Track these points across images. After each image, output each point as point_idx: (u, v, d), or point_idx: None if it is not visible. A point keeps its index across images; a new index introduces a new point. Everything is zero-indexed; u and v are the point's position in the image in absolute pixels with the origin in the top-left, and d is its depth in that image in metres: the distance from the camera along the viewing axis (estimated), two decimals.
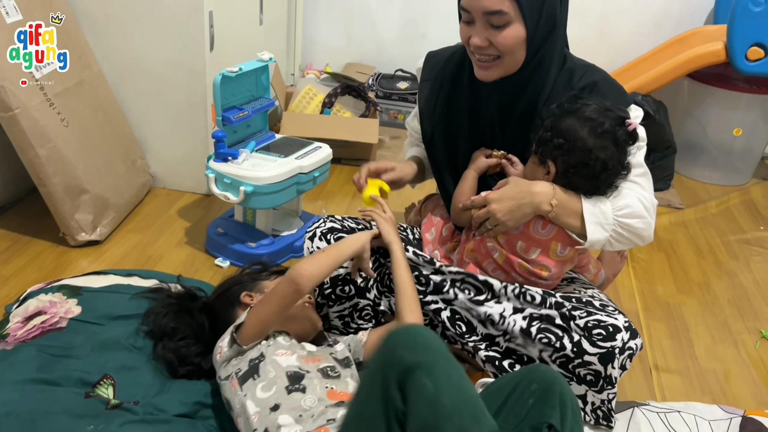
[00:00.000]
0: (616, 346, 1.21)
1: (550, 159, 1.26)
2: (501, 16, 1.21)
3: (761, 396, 1.49)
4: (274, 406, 1.03)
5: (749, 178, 2.74)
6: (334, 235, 1.42)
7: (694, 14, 2.81)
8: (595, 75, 1.34)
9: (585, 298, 1.33)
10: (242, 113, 1.74)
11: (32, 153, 1.69)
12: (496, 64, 1.29)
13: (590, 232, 1.25)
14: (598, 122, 1.21)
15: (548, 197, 1.25)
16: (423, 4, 2.97)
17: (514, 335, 1.33)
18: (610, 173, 1.24)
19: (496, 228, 1.29)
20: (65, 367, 1.22)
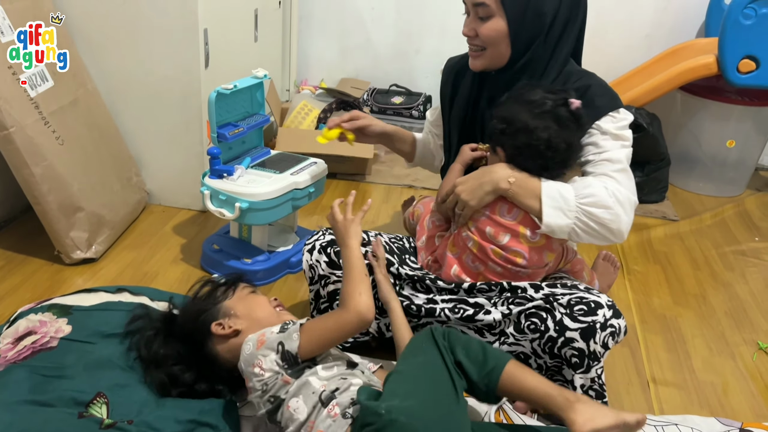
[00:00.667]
0: (597, 321, 1.23)
1: (498, 146, 1.34)
2: (484, 8, 1.34)
3: (759, 408, 1.49)
4: (343, 377, 1.13)
5: (743, 189, 2.75)
6: (333, 248, 1.44)
7: (685, 27, 2.84)
8: (589, 80, 1.39)
9: (570, 284, 1.36)
10: (237, 130, 1.75)
11: (27, 171, 1.69)
12: (482, 54, 1.40)
13: (546, 215, 1.27)
14: (538, 103, 1.28)
15: (506, 175, 1.31)
16: (417, 19, 2.99)
17: (507, 335, 1.36)
18: (556, 151, 1.28)
19: (465, 211, 1.35)
20: (57, 387, 1.20)
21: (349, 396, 1.08)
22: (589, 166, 1.36)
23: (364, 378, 1.16)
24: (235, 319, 1.26)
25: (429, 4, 2.93)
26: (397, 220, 2.26)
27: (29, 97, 1.71)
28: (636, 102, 2.50)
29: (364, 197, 2.44)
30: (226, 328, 1.24)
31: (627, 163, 1.36)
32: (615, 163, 1.33)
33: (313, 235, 1.49)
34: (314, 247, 1.46)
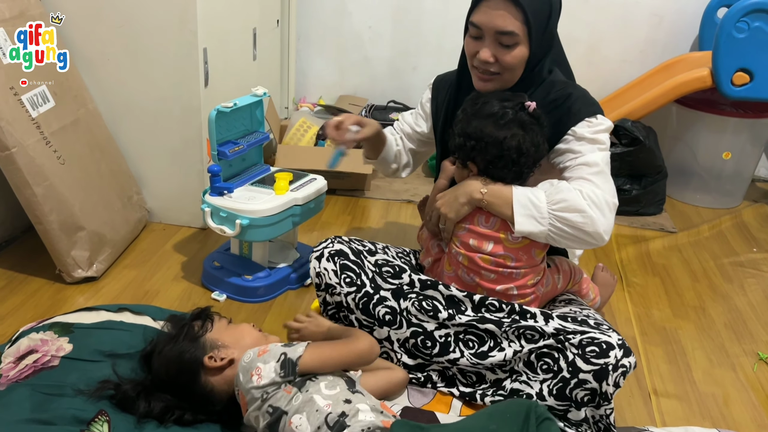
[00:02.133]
0: (609, 363, 1.24)
1: (469, 161, 1.38)
2: (511, 36, 1.32)
3: (761, 419, 1.49)
4: (346, 400, 1.12)
5: (740, 200, 2.76)
6: (340, 260, 1.46)
7: (679, 41, 2.87)
8: (570, 89, 1.42)
9: (580, 317, 1.36)
10: (237, 147, 1.76)
11: (29, 191, 1.70)
12: (496, 78, 1.40)
13: (518, 223, 1.32)
14: (500, 114, 1.32)
15: (478, 186, 1.36)
16: (413, 37, 3.02)
17: (519, 372, 1.37)
18: (527, 155, 1.34)
19: (446, 225, 1.41)
20: (59, 405, 1.20)
21: (359, 426, 1.06)
22: (567, 172, 1.39)
23: (366, 401, 1.15)
24: (225, 349, 1.24)
25: (425, 24, 2.96)
26: (396, 235, 2.27)
27: (30, 117, 1.72)
28: (632, 116, 2.52)
29: (364, 213, 2.45)
30: (218, 359, 1.22)
31: (605, 166, 1.38)
32: (592, 166, 1.36)
33: (321, 243, 1.51)
34: (322, 254, 1.48)
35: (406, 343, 1.44)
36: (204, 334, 1.27)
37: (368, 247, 1.54)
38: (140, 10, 1.91)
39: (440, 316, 1.40)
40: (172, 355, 1.23)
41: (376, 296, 1.44)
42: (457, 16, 2.91)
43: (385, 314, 1.43)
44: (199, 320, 1.30)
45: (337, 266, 1.45)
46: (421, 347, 1.42)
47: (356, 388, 1.18)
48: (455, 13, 2.92)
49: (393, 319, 1.43)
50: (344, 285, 1.45)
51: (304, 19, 3.08)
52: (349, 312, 1.46)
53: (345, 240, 1.52)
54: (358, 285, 1.45)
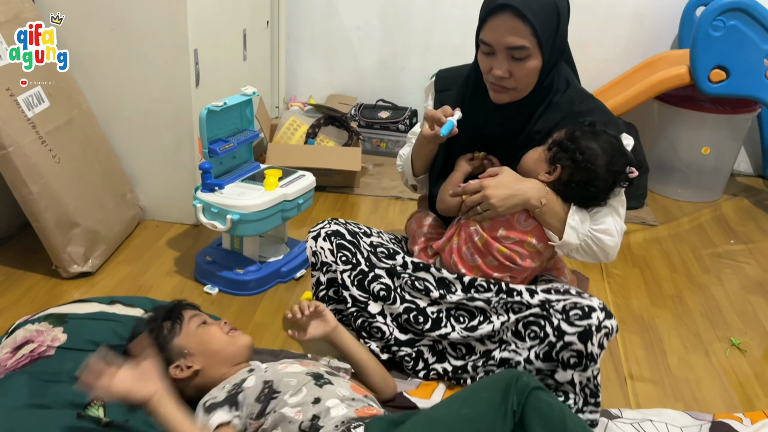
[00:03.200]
0: (592, 324, 1.32)
1: (560, 164, 1.38)
2: (523, 50, 1.31)
3: (731, 401, 1.56)
4: (315, 399, 1.11)
5: (720, 194, 2.83)
6: (336, 240, 1.51)
7: (660, 40, 2.94)
8: (592, 103, 1.46)
9: (563, 289, 1.45)
10: (228, 145, 1.82)
11: (25, 189, 1.75)
12: (511, 90, 1.40)
13: (567, 234, 1.38)
14: (615, 159, 1.36)
15: (540, 194, 1.38)
16: (402, 37, 3.08)
17: (508, 342, 1.44)
18: (597, 201, 1.41)
19: (487, 213, 1.41)
20: (56, 391, 1.25)
21: (332, 423, 1.07)
22: None
23: (336, 391, 1.14)
24: (191, 358, 1.24)
25: (413, 24, 3.02)
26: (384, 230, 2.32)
27: (26, 117, 1.77)
28: (614, 112, 2.54)
29: (353, 209, 2.51)
30: (185, 369, 1.23)
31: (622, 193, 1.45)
32: (616, 195, 1.42)
33: (318, 224, 1.57)
34: (319, 234, 1.53)
35: (399, 318, 1.50)
36: (172, 340, 1.26)
37: (364, 230, 1.60)
38: (132, 12, 1.96)
39: (432, 295, 1.47)
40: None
41: (371, 273, 1.50)
42: (444, 16, 2.98)
43: (379, 290, 1.49)
44: (169, 321, 1.29)
45: (333, 245, 1.51)
46: (414, 322, 1.48)
47: (323, 379, 1.17)
48: (442, 14, 2.98)
49: (387, 294, 1.49)
50: (340, 263, 1.50)
51: (293, 19, 3.14)
52: (344, 289, 1.51)
53: (341, 222, 1.57)
54: (353, 263, 1.50)
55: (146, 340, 1.29)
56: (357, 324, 1.53)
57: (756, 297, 2.03)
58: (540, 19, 1.29)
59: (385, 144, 3.06)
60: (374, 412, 1.13)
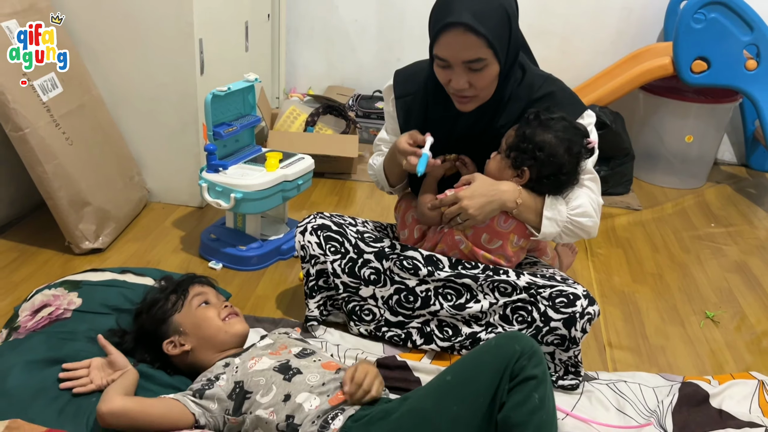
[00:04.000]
0: (576, 311, 1.43)
1: (525, 166, 1.42)
2: (480, 62, 1.32)
3: (702, 367, 1.67)
4: (285, 396, 1.14)
5: (704, 182, 2.95)
6: (323, 232, 1.58)
7: (646, 33, 3.05)
8: (552, 86, 1.49)
9: (548, 274, 1.54)
10: (231, 128, 1.92)
11: (40, 169, 1.85)
12: (474, 98, 1.41)
13: (544, 226, 1.46)
14: (573, 141, 1.40)
15: (515, 196, 1.43)
16: (398, 30, 3.19)
17: (495, 325, 1.53)
18: (570, 184, 1.47)
19: (467, 222, 1.45)
20: (71, 347, 1.35)
21: (308, 420, 1.10)
22: None
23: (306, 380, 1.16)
24: (184, 336, 1.30)
25: (408, 18, 3.12)
26: (380, 214, 2.43)
27: (42, 101, 1.88)
28: (601, 101, 2.69)
29: (350, 194, 2.62)
30: (178, 345, 1.30)
31: (593, 169, 1.52)
32: (588, 173, 1.49)
33: (304, 219, 1.65)
34: (306, 228, 1.61)
35: (390, 300, 1.60)
36: (173, 314, 1.32)
37: (349, 221, 1.68)
38: (141, 3, 2.07)
39: (420, 273, 1.55)
40: (145, 325, 1.35)
41: (360, 260, 1.59)
42: None
43: (370, 274, 1.59)
44: (175, 294, 1.36)
45: (320, 238, 1.59)
46: (404, 302, 1.58)
47: (291, 371, 1.18)
48: None
49: (378, 278, 1.58)
50: (329, 254, 1.59)
51: (293, 12, 3.24)
52: (335, 277, 1.60)
53: (327, 215, 1.65)
54: (342, 252, 1.59)
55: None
56: (348, 308, 1.62)
57: (732, 275, 2.14)
58: (492, 29, 1.29)
59: None
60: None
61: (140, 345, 1.37)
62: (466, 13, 1.27)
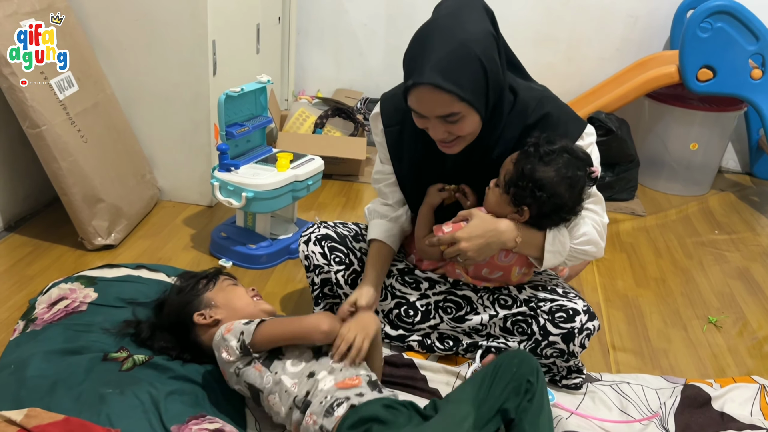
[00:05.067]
0: (575, 327, 1.43)
1: (525, 205, 1.35)
2: (454, 116, 1.25)
3: (704, 370, 1.69)
4: (310, 373, 1.21)
5: (708, 189, 2.97)
6: (327, 243, 1.58)
7: (652, 41, 3.08)
8: (547, 106, 1.39)
9: (550, 286, 1.54)
10: (243, 129, 1.96)
11: (56, 165, 1.89)
12: (458, 142, 1.33)
13: (546, 260, 1.40)
14: (575, 178, 1.32)
15: (513, 235, 1.37)
16: (406, 34, 3.17)
17: (495, 336, 1.55)
18: (573, 216, 1.40)
19: (466, 261, 1.41)
20: (87, 339, 1.40)
21: (318, 399, 1.16)
22: None
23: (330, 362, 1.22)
24: (215, 309, 1.37)
25: (417, 22, 3.11)
26: None
27: (58, 99, 1.91)
28: (606, 108, 2.72)
29: (357, 196, 2.65)
30: (207, 318, 1.36)
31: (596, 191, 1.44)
32: (590, 195, 1.41)
33: (308, 228, 1.64)
34: (309, 238, 1.59)
35: (390, 314, 1.60)
36: (204, 293, 1.40)
37: (354, 232, 1.65)
38: (156, 4, 2.11)
39: (422, 287, 1.58)
40: (173, 305, 1.41)
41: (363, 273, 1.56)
42: None
43: None
44: (205, 279, 1.44)
45: (325, 249, 1.58)
46: (404, 316, 1.59)
47: (321, 351, 1.26)
48: None
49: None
50: (334, 264, 1.58)
51: (303, 16, 3.28)
52: (338, 287, 1.60)
53: (330, 225, 1.63)
54: (347, 264, 1.59)
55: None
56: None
57: (735, 281, 2.17)
58: (463, 84, 1.21)
59: None
60: (355, 383, 1.19)
61: (160, 330, 1.41)
62: (433, 71, 1.20)
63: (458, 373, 1.53)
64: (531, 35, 3.08)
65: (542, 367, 1.51)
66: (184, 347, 1.40)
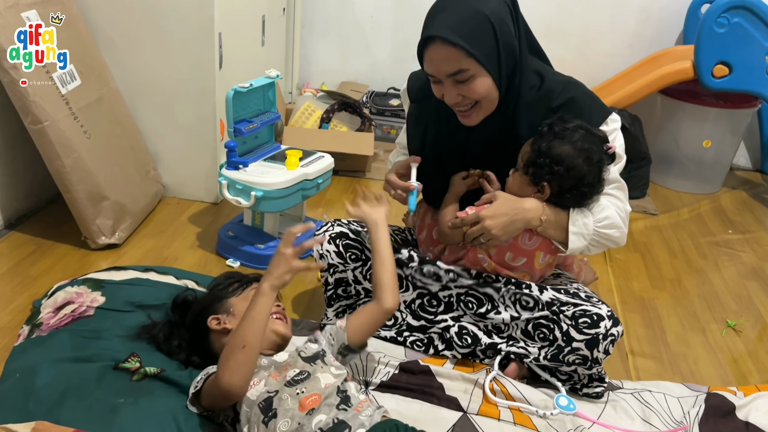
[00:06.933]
0: (599, 333, 1.38)
1: (545, 181, 1.37)
2: (463, 73, 1.29)
3: (725, 376, 1.66)
4: (299, 425, 1.09)
5: (720, 187, 2.93)
6: (342, 241, 1.55)
7: (665, 36, 3.02)
8: (572, 91, 1.42)
9: (572, 290, 1.49)
10: (252, 125, 1.90)
11: (59, 162, 1.83)
12: (476, 109, 1.37)
13: (572, 242, 1.40)
14: (592, 150, 1.34)
15: (538, 213, 1.38)
16: (413, 26, 3.13)
17: (517, 339, 1.51)
18: (594, 194, 1.40)
19: (490, 242, 1.40)
20: (96, 346, 1.34)
21: None
22: None
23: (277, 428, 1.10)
24: (231, 317, 1.31)
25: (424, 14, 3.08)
26: (394, 213, 2.39)
27: (60, 94, 1.85)
28: (619, 104, 2.67)
29: None
30: (222, 323, 1.30)
31: (620, 177, 1.45)
32: (614, 181, 1.43)
33: (321, 226, 1.61)
34: (324, 237, 1.57)
35: (412, 305, 1.57)
36: (230, 297, 1.35)
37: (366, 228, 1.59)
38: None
39: (443, 279, 1.53)
40: (200, 302, 1.38)
41: None
42: None
43: None
44: (238, 282, 1.39)
45: (340, 247, 1.56)
46: (427, 306, 1.55)
47: (270, 412, 1.12)
48: None
49: (399, 283, 1.53)
50: (350, 261, 1.56)
51: (308, 7, 3.21)
52: (356, 284, 1.58)
53: (344, 222, 1.61)
54: (363, 260, 1.56)
55: None
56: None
57: (751, 282, 2.13)
58: (470, 38, 1.26)
59: (395, 131, 3.14)
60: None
61: (177, 328, 1.37)
62: (442, 27, 1.27)
63: (476, 381, 1.48)
64: (542, 29, 2.98)
65: (563, 375, 1.49)
66: (195, 349, 1.35)
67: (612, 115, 1.45)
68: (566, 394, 1.46)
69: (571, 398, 1.44)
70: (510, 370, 1.52)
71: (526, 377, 1.55)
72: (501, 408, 1.42)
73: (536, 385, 1.50)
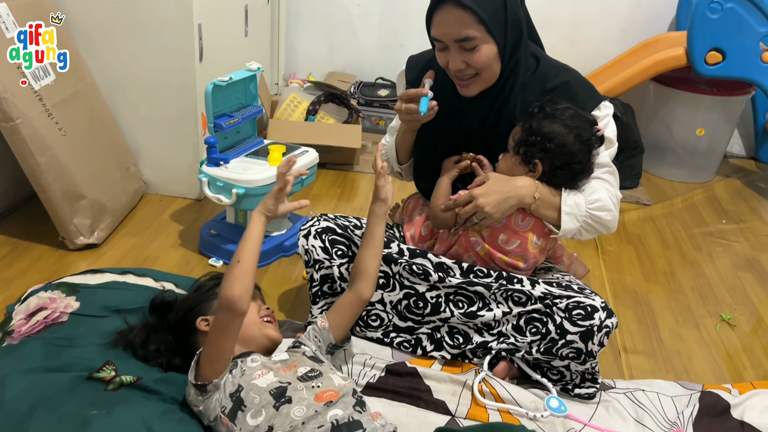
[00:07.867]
0: (594, 324, 1.35)
1: (536, 159, 1.37)
2: (471, 40, 1.30)
3: (720, 372, 1.62)
4: (269, 428, 1.08)
5: (713, 175, 2.89)
6: (328, 236, 1.51)
7: (657, 21, 2.97)
8: (566, 75, 1.44)
9: (564, 282, 1.46)
10: (233, 120, 1.84)
11: (33, 161, 1.77)
12: (476, 80, 1.38)
13: (564, 222, 1.39)
14: (582, 128, 1.35)
15: (531, 190, 1.37)
16: (401, 15, 3.09)
17: (507, 335, 1.46)
18: (584, 174, 1.41)
19: (483, 221, 1.39)
20: (69, 355, 1.29)
21: None
22: None
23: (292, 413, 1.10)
24: None
25: (412, 2, 3.02)
26: None
27: (33, 90, 1.79)
28: (611, 92, 2.62)
29: (353, 186, 2.55)
30: (210, 324, 1.25)
31: (611, 163, 1.45)
32: (605, 166, 1.43)
33: (307, 221, 1.56)
34: (309, 232, 1.52)
35: (399, 305, 1.52)
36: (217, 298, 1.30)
37: (354, 222, 1.60)
38: None
39: (431, 279, 1.48)
40: (185, 304, 1.34)
41: None
42: None
43: (378, 278, 1.52)
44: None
45: (326, 242, 1.51)
46: (414, 308, 1.51)
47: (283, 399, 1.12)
48: None
49: (386, 282, 1.51)
50: (336, 257, 1.51)
51: None
52: (342, 281, 1.53)
53: (330, 217, 1.57)
54: (349, 256, 1.52)
55: None
56: None
57: (745, 274, 2.09)
58: (482, 4, 1.28)
59: (384, 122, 3.08)
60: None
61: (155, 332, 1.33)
62: None
63: (464, 383, 1.44)
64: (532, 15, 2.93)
65: (554, 374, 1.45)
66: (178, 351, 1.31)
67: (604, 102, 1.46)
68: (557, 395, 1.42)
69: (562, 400, 1.40)
70: (499, 369, 1.48)
71: (517, 377, 1.51)
72: (490, 411, 1.38)
73: (526, 386, 1.46)
